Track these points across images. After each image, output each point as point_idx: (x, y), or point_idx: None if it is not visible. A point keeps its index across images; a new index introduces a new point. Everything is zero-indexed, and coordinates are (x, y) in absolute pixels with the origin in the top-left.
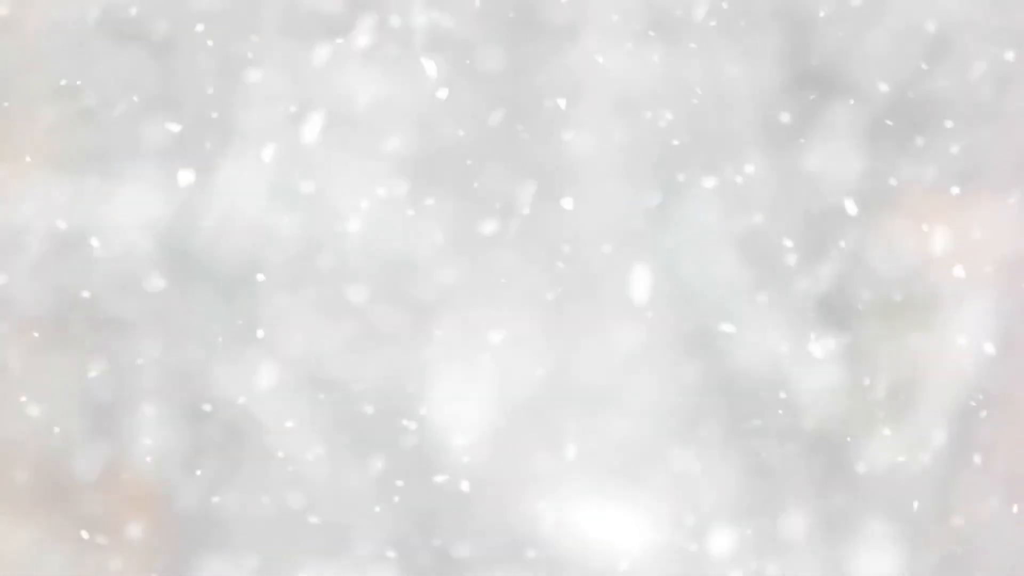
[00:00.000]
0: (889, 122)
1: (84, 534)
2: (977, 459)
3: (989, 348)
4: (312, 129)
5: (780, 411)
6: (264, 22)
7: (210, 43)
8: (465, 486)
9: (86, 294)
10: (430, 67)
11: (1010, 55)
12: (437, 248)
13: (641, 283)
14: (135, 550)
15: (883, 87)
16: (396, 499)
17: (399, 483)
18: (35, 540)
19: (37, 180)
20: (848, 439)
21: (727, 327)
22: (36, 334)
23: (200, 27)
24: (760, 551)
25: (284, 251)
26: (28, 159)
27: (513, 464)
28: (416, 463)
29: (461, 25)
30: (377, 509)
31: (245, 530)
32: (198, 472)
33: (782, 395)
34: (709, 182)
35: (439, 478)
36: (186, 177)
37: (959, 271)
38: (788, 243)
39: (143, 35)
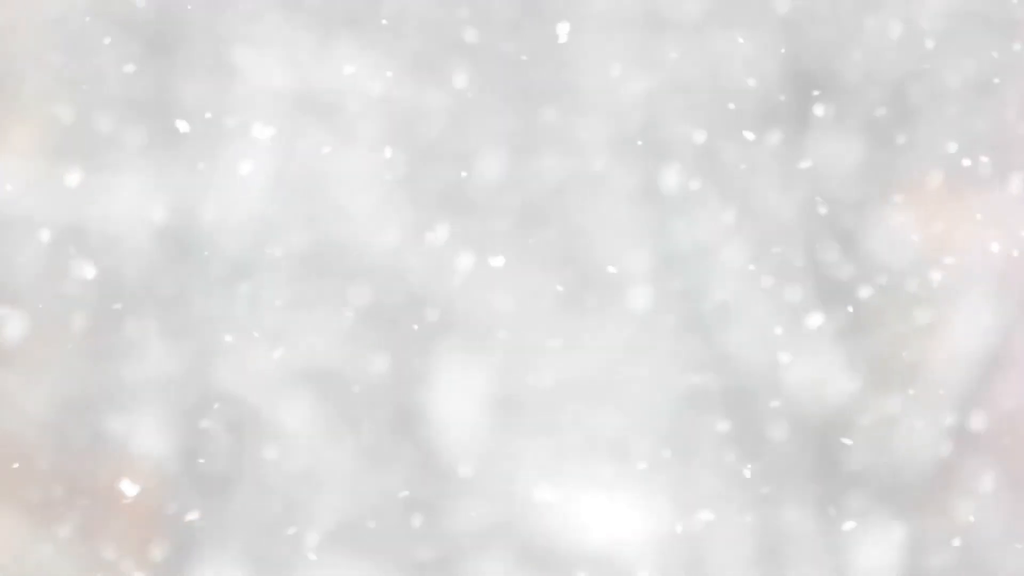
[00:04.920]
0: (889, 115)
1: (85, 528)
2: (979, 448)
3: (988, 337)
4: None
5: (781, 401)
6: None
7: (207, 34)
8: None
9: (88, 286)
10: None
11: (1010, 47)
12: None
13: (642, 267)
14: (136, 539)
15: (883, 80)
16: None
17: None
18: (36, 536)
19: (37, 173)
20: (847, 428)
21: (726, 315)
22: (43, 326)
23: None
24: (760, 543)
25: (285, 243)
26: (28, 153)
27: (512, 454)
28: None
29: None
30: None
31: (247, 524)
32: (200, 465)
33: (781, 384)
34: (710, 173)
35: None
36: (182, 170)
37: (958, 261)
38: (788, 234)
39: (141, 28)
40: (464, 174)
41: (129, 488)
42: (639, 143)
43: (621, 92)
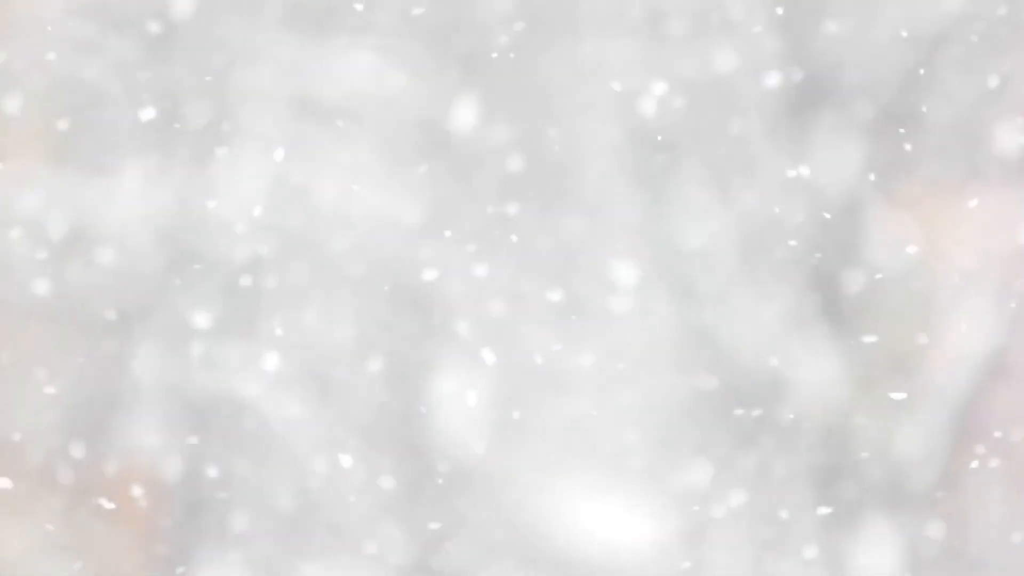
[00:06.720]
0: (889, 117)
1: (85, 526)
2: (979, 449)
3: (990, 339)
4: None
5: (781, 403)
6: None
7: (209, 36)
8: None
9: (86, 287)
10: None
11: (1012, 50)
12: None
13: (640, 269)
14: (136, 540)
15: (882, 84)
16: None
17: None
18: (36, 535)
19: (37, 176)
20: (849, 430)
21: (725, 320)
22: (39, 327)
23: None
24: (760, 542)
25: (284, 242)
26: (29, 155)
27: (510, 455)
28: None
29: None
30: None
31: (246, 523)
32: (199, 464)
33: (781, 386)
34: (709, 177)
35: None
36: (186, 171)
37: (959, 264)
38: (789, 237)
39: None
40: (463, 175)
41: (129, 490)
42: (638, 145)
43: (620, 93)
